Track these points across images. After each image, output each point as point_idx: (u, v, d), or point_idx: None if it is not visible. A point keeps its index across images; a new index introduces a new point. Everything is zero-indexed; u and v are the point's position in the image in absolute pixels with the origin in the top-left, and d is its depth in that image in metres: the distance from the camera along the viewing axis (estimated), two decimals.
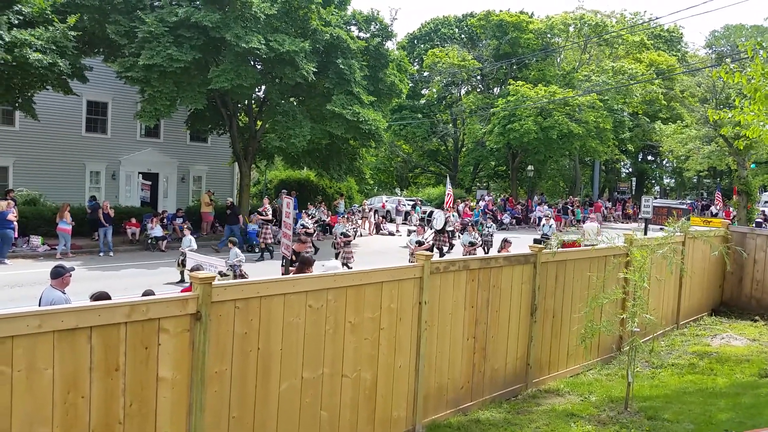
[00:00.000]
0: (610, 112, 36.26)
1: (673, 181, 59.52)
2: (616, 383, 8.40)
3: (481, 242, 19.40)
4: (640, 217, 30.25)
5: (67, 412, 3.90)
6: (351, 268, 15.06)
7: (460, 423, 6.80)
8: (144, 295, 7.62)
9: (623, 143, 41.26)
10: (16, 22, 17.42)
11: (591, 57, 42.40)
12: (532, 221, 34.60)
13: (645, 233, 19.36)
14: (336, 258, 15.51)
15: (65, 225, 18.39)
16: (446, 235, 20.72)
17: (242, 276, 13.07)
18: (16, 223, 17.54)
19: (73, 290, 7.35)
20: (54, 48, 17.46)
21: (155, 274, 16.06)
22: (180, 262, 15.12)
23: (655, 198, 52.69)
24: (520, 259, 7.70)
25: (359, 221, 30.24)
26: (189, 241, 15.98)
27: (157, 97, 19.37)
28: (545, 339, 8.22)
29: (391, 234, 29.23)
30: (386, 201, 36.68)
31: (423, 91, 47.04)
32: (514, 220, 33.90)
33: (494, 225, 22.26)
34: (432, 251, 15.56)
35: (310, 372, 5.37)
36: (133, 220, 21.59)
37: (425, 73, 44.85)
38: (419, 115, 43.44)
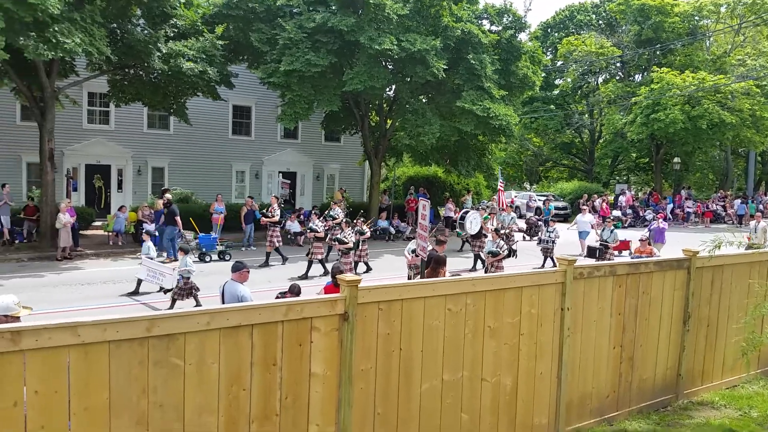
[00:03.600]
0: None
1: None
2: None
3: (507, 252, 14.67)
4: None
5: (230, 403, 4.22)
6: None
7: None
8: (290, 290, 8.11)
9: None
10: (172, 35, 19.03)
11: (746, 39, 38.68)
12: (679, 218, 32.40)
13: None
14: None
15: (219, 211, 20.65)
16: (483, 240, 17.64)
17: (184, 289, 11.62)
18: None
19: (219, 282, 8.02)
20: (204, 57, 18.89)
21: (292, 269, 16.78)
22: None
23: None
24: (673, 264, 7.23)
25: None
26: (147, 248, 14.29)
27: (296, 100, 20.33)
28: (698, 348, 7.67)
29: (520, 230, 28.52)
30: (515, 196, 35.73)
31: (557, 82, 45.38)
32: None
33: (556, 229, 17.77)
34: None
35: (450, 374, 5.40)
36: None
37: (559, 63, 43.25)
38: (552, 107, 42.04)
